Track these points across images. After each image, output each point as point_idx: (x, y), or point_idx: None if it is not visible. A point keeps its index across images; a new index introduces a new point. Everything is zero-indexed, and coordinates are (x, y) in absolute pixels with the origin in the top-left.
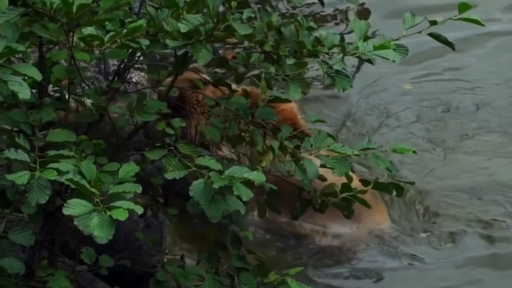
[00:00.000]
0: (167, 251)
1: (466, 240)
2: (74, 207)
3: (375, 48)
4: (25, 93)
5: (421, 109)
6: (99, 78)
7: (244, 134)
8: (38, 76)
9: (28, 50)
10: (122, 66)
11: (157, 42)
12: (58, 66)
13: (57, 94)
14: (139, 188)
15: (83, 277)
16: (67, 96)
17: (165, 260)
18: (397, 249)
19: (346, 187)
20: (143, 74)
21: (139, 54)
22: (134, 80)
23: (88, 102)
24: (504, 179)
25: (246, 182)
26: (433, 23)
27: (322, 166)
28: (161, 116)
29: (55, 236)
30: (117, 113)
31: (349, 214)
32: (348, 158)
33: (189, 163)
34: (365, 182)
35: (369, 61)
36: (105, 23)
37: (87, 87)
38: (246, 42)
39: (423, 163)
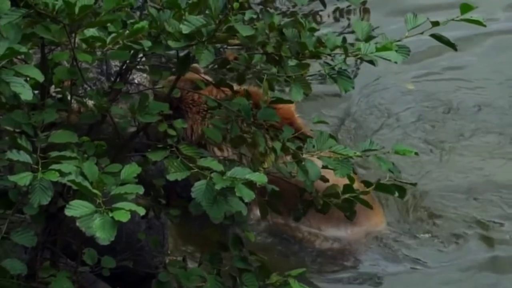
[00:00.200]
0: (169, 252)
1: (466, 243)
2: (76, 208)
3: (377, 50)
4: (27, 94)
5: (421, 109)
6: (101, 79)
7: (246, 135)
8: (40, 77)
9: (30, 51)
10: (124, 67)
11: (159, 44)
12: (60, 67)
13: (59, 95)
14: (141, 189)
15: (85, 278)
16: (69, 97)
17: (167, 261)
18: (398, 252)
19: (348, 188)
20: (145, 75)
21: (141, 55)
22: (136, 81)
23: (90, 103)
24: (501, 180)
25: (248, 183)
26: (435, 24)
27: (324, 167)
28: (163, 117)
29: (57, 237)
30: (119, 114)
31: (351, 216)
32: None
33: (191, 164)
34: (367, 183)
35: (371, 62)
36: (107, 25)
37: (89, 88)
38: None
39: (420, 165)
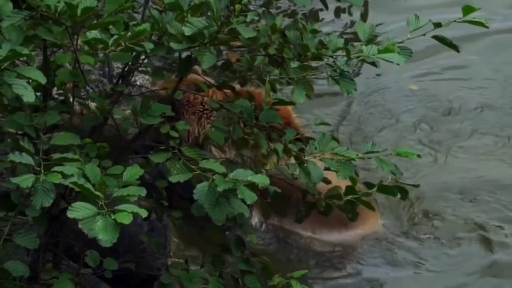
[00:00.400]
0: (172, 254)
1: (467, 246)
2: (79, 210)
3: (379, 51)
4: (30, 96)
5: (422, 110)
6: (103, 81)
7: (248, 137)
8: (43, 79)
9: (33, 53)
10: (126, 69)
11: (161, 45)
12: (63, 69)
13: (62, 97)
14: (144, 191)
15: (88, 280)
16: (72, 99)
17: (169, 263)
18: (399, 256)
19: (351, 190)
20: (148, 77)
21: (143, 57)
22: (138, 83)
23: (93, 105)
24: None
25: (250, 185)
26: (438, 25)
27: (326, 169)
28: (165, 119)
29: (60, 239)
30: (121, 116)
31: (354, 217)
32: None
33: (193, 166)
34: (369, 185)
35: (373, 64)
36: (109, 27)
37: (92, 90)
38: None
39: (417, 166)
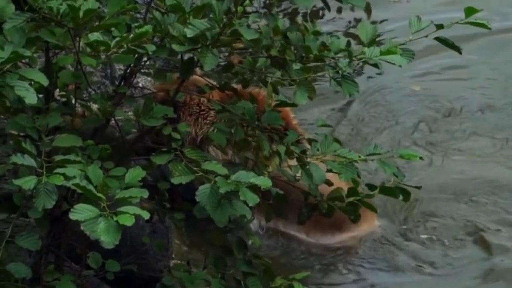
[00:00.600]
0: (174, 256)
1: (465, 248)
2: (81, 212)
3: (382, 53)
4: (32, 98)
5: (422, 110)
6: (106, 83)
7: (251, 139)
8: (45, 81)
9: (35, 55)
10: (129, 71)
11: (163, 47)
12: (65, 71)
13: (64, 99)
14: (146, 193)
15: (90, 282)
16: (74, 101)
17: (172, 265)
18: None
19: (353, 192)
20: (150, 79)
21: (146, 59)
22: (141, 85)
23: (95, 107)
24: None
25: (252, 187)
26: (440, 27)
27: (329, 171)
28: (168, 121)
29: (62, 241)
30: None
31: (356, 219)
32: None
33: (195, 168)
34: (371, 187)
35: (375, 66)
36: (112, 28)
37: (94, 92)
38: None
39: (413, 168)
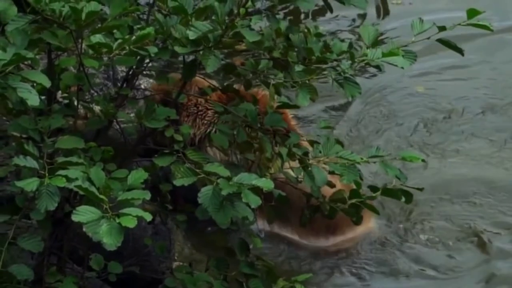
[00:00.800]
0: (176, 258)
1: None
2: (83, 214)
3: (384, 55)
4: (34, 100)
5: (422, 110)
6: (108, 85)
7: (252, 141)
8: (47, 83)
9: (37, 57)
10: (131, 73)
11: (166, 49)
12: (67, 73)
13: (66, 101)
14: (148, 195)
15: (92, 284)
16: (76, 103)
17: (174, 267)
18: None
19: (355, 193)
20: (152, 81)
21: (148, 61)
22: (143, 87)
23: (97, 109)
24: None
25: (255, 189)
26: (442, 29)
27: (331, 173)
28: (170, 123)
29: (64, 243)
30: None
31: (358, 221)
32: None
33: (198, 170)
34: (374, 188)
35: (378, 67)
36: (114, 30)
37: (96, 94)
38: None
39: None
